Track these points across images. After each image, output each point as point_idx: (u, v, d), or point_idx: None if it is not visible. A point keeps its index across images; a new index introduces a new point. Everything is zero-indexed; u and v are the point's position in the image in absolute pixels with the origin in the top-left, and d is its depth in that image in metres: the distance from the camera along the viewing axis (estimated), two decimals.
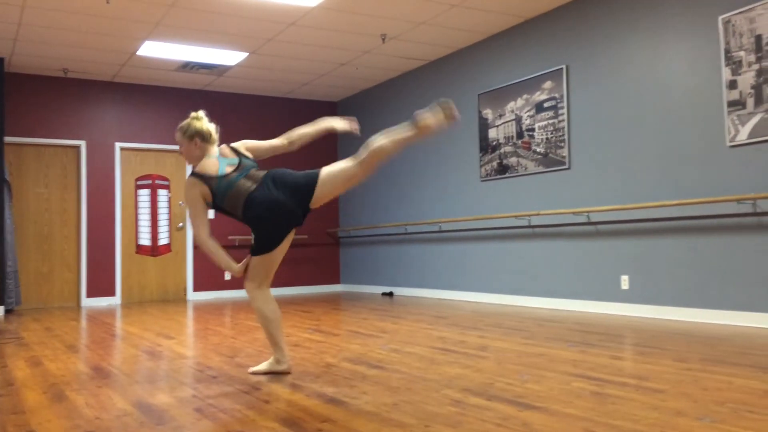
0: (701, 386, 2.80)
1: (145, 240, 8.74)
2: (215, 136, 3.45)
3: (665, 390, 2.74)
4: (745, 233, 4.76)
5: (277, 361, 3.33)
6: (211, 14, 6.28)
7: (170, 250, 8.88)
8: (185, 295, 8.93)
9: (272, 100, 9.67)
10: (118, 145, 8.58)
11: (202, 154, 3.40)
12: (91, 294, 8.33)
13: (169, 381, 3.21)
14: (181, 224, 8.95)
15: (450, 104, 3.06)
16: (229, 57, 7.63)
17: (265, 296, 3.35)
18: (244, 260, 3.35)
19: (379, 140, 3.12)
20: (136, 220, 8.71)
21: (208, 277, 9.04)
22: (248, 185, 3.26)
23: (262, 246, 3.25)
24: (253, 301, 3.35)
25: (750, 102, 4.72)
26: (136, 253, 8.68)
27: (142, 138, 8.75)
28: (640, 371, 3.15)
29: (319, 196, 3.23)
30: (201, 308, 7.38)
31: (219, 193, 3.26)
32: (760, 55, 4.67)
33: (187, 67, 7.99)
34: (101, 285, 8.40)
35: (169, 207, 8.93)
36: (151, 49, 7.27)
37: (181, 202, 8.99)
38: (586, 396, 2.67)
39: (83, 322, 6.15)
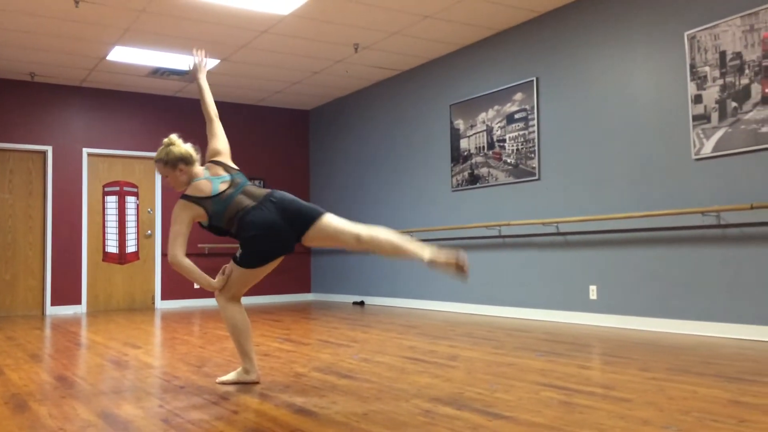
0: (667, 395, 2.84)
1: (112, 247, 8.60)
2: (196, 155, 3.35)
3: (632, 399, 2.78)
4: (710, 245, 4.86)
5: (246, 371, 3.30)
6: (183, 20, 6.24)
7: (138, 258, 8.75)
8: (153, 303, 8.80)
9: (244, 108, 9.62)
10: (85, 150, 8.45)
11: (189, 178, 3.30)
12: (55, 302, 8.16)
13: (135, 391, 3.16)
14: (149, 231, 8.83)
15: (466, 263, 2.96)
16: None
17: (236, 306, 3.31)
18: (224, 274, 3.28)
19: (385, 237, 3.07)
20: (104, 227, 8.58)
21: (176, 285, 8.92)
22: (246, 203, 3.18)
23: (249, 261, 3.18)
24: (223, 311, 3.31)
25: (714, 116, 4.83)
26: (103, 260, 8.53)
27: (110, 144, 8.63)
28: (607, 380, 3.19)
29: (311, 236, 3.18)
30: (169, 317, 7.28)
31: (215, 213, 3.19)
32: (724, 70, 4.79)
33: (158, 73, 7.91)
34: (66, 293, 8.24)
35: (137, 214, 8.81)
36: (121, 54, 7.19)
37: (149, 210, 8.87)
38: (554, 405, 2.69)
39: (47, 331, 6.02)
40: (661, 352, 4.05)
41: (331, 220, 3.17)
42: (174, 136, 3.36)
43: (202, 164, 3.39)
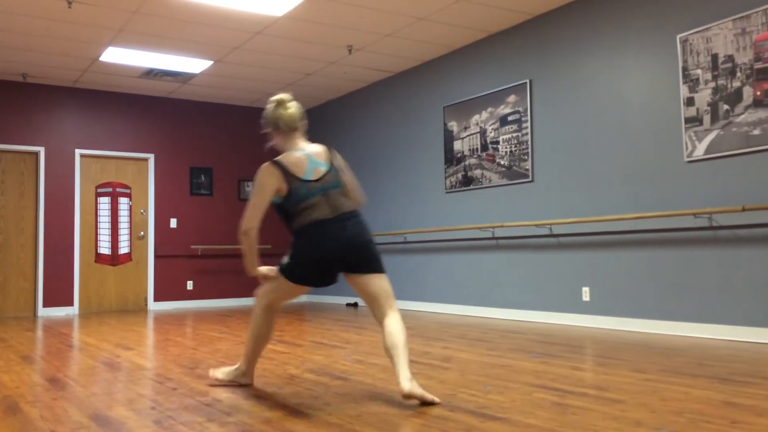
0: (659, 397, 2.85)
1: (104, 249, 8.57)
2: (300, 123, 3.10)
3: (624, 400, 2.78)
4: (702, 246, 4.88)
5: (242, 374, 3.28)
6: (176, 21, 6.23)
7: (131, 259, 8.72)
8: (146, 305, 8.77)
9: (237, 109, 9.61)
10: (78, 151, 8.41)
11: (287, 145, 3.09)
12: (47, 304, 8.12)
13: (128, 393, 3.15)
14: (142, 233, 8.80)
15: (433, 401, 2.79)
16: (194, 65, 7.56)
17: (268, 316, 3.18)
18: (271, 269, 3.11)
19: (395, 336, 2.84)
20: (96, 228, 8.54)
21: (169, 286, 8.89)
22: (321, 212, 2.92)
23: (291, 271, 2.98)
24: (255, 313, 3.18)
25: (706, 119, 4.86)
26: (96, 262, 8.50)
27: (103, 145, 8.60)
28: (600, 382, 3.20)
29: (356, 280, 2.96)
30: (162, 318, 7.26)
31: (293, 198, 2.93)
32: (716, 73, 4.82)
33: (151, 74, 7.89)
34: (58, 294, 8.20)
35: (130, 215, 8.78)
36: (114, 55, 7.17)
37: (142, 211, 8.84)
38: (547, 406, 2.69)
39: (39, 333, 5.99)
40: (654, 354, 4.06)
41: (384, 282, 2.98)
42: (286, 95, 3.13)
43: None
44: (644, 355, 4.03)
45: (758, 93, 4.55)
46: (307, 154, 3.03)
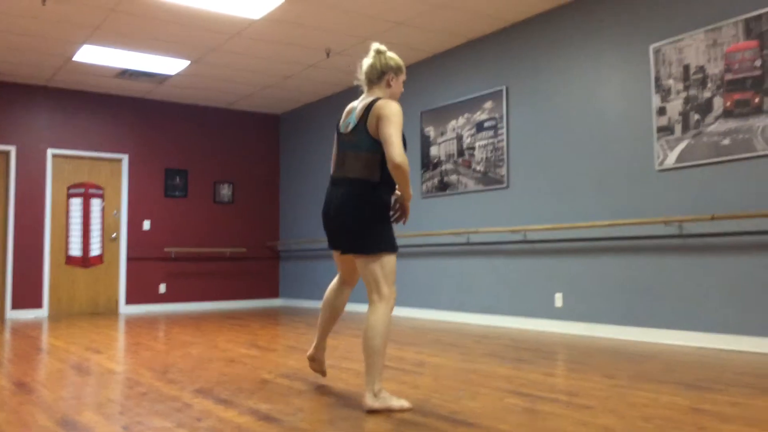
0: (628, 402, 2.89)
1: (75, 250, 8.45)
2: (363, 77, 3.00)
3: (594, 406, 2.81)
4: (672, 254, 4.96)
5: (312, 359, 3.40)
6: (153, 21, 6.17)
7: (102, 261, 8.61)
8: (117, 308, 8.66)
9: (214, 111, 9.54)
10: (50, 151, 8.29)
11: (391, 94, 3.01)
12: (16, 306, 7.98)
13: (97, 397, 3.10)
14: (114, 235, 8.69)
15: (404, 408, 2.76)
16: (170, 65, 7.49)
17: (333, 289, 3.25)
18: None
19: (372, 334, 2.74)
20: (67, 229, 8.42)
21: (141, 289, 8.79)
22: (334, 169, 3.02)
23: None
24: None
25: (678, 128, 4.94)
26: (66, 263, 8.37)
27: (76, 145, 8.48)
28: (571, 387, 3.23)
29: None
30: (133, 322, 7.17)
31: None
32: (687, 83, 4.90)
33: (126, 74, 7.80)
34: (27, 296, 8.06)
35: (103, 217, 8.67)
36: (89, 54, 7.08)
37: (115, 212, 8.73)
38: (518, 412, 2.71)
39: (7, 335, 5.88)
40: (624, 360, 4.11)
41: (362, 267, 2.88)
42: (378, 45, 3.02)
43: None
44: (614, 361, 4.08)
45: (728, 104, 4.64)
46: (354, 107, 3.01)
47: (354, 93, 8.47)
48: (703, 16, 4.84)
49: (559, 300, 5.75)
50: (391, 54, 3.00)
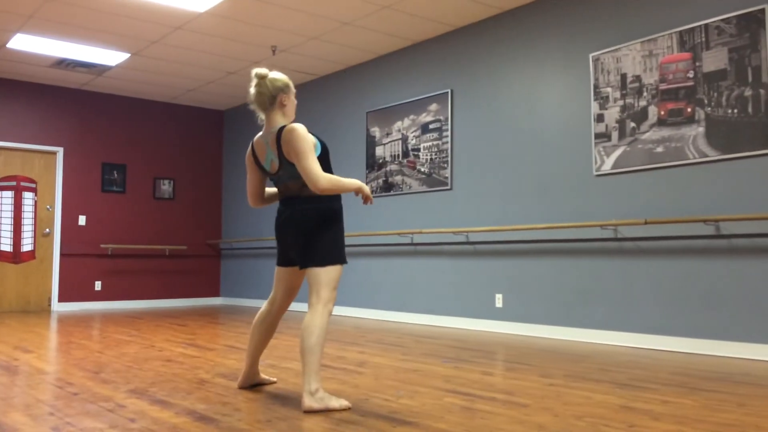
0: (563, 401, 2.96)
1: (5, 245, 8.11)
2: (255, 106, 2.97)
3: (529, 405, 2.87)
4: (608, 257, 5.10)
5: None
6: (92, 11, 5.98)
7: (34, 257, 8.30)
8: (50, 305, 8.36)
9: (155, 105, 9.32)
10: None
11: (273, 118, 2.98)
12: None
13: (25, 398, 2.99)
14: (47, 230, 8.38)
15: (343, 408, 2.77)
16: (110, 57, 7.28)
17: (263, 315, 3.15)
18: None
19: (308, 336, 2.75)
20: None
21: (76, 286, 8.51)
22: (282, 194, 3.03)
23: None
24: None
25: (615, 135, 5.09)
26: None
27: (7, 136, 8.14)
28: (508, 386, 3.29)
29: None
30: (66, 320, 6.93)
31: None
32: (624, 92, 5.06)
33: (63, 64, 7.54)
34: None
35: (35, 211, 8.35)
36: (23, 43, 6.81)
37: (48, 207, 8.43)
38: (456, 411, 2.75)
39: None
40: (561, 359, 4.21)
41: (314, 274, 2.86)
42: (260, 71, 2.96)
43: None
44: (551, 360, 4.17)
45: (662, 113, 4.81)
46: (265, 141, 2.96)
47: (300, 91, 8.41)
48: (639, 28, 5.01)
49: (499, 301, 5.85)
50: (274, 75, 2.97)
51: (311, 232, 2.86)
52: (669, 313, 4.71)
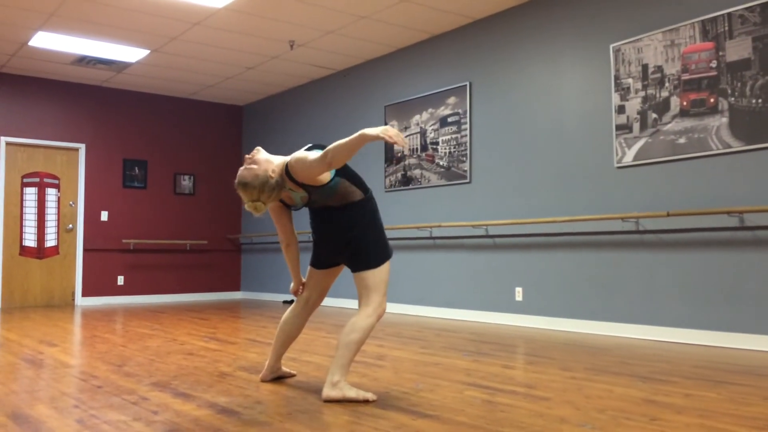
0: (584, 394, 2.94)
1: (30, 241, 8.23)
2: (273, 198, 2.95)
3: (551, 398, 2.86)
4: (629, 250, 5.06)
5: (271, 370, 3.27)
6: (112, 8, 6.03)
7: (58, 253, 8.41)
8: (73, 300, 8.47)
9: (175, 101, 9.39)
10: (3, 139, 8.05)
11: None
12: None
13: (50, 391, 3.03)
14: (70, 225, 8.49)
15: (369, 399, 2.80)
16: (130, 53, 7.34)
17: (292, 314, 3.19)
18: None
19: (349, 332, 2.82)
20: (21, 219, 8.20)
21: (98, 281, 8.62)
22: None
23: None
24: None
25: (636, 126, 5.03)
26: (20, 254, 8.16)
27: (31, 133, 8.26)
28: (529, 380, 3.27)
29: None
30: (89, 314, 7.03)
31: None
32: (645, 82, 4.99)
33: (84, 61, 7.62)
34: None
35: (58, 207, 8.46)
36: (45, 40, 6.89)
37: (71, 203, 8.54)
38: (477, 404, 2.74)
39: None
40: (582, 353, 4.18)
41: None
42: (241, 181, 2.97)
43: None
44: (572, 353, 4.15)
45: (684, 103, 4.75)
46: (284, 186, 2.92)
47: (318, 85, 8.42)
48: (661, 18, 4.94)
49: (519, 294, 5.82)
50: (251, 183, 2.88)
51: (354, 238, 2.89)
52: (692, 306, 4.65)
